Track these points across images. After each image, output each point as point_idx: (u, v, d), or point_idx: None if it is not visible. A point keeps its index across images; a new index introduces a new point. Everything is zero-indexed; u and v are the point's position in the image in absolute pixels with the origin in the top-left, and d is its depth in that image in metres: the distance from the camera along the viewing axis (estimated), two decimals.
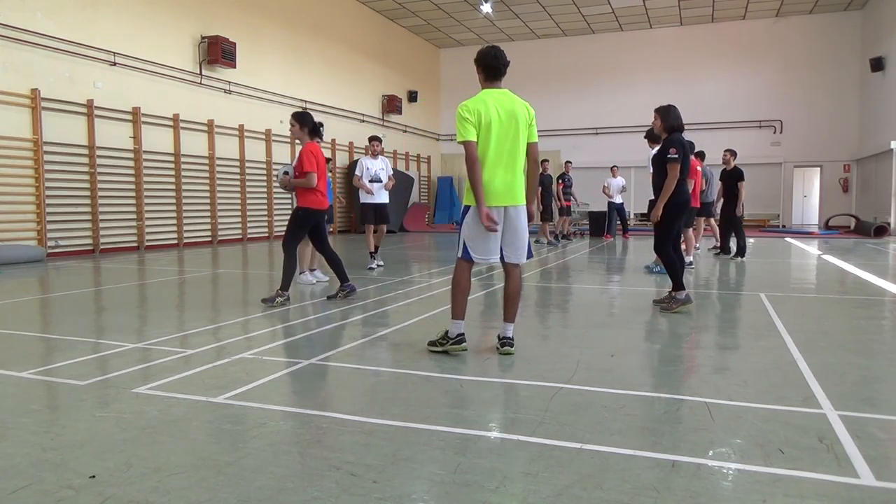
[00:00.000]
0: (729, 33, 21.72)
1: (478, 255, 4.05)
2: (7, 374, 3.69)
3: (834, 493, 2.16)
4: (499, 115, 3.93)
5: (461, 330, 4.09)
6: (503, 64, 4.05)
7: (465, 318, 4.14)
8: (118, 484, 2.24)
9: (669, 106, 5.96)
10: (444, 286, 7.47)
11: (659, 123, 5.92)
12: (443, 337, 4.12)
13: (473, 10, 20.11)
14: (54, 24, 10.84)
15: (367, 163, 9.05)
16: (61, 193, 11.00)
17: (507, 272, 4.19)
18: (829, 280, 8.38)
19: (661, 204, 5.79)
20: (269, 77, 15.95)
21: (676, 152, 5.69)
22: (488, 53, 4.04)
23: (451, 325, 4.11)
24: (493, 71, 4.04)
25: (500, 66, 4.04)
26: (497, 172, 3.96)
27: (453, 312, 4.11)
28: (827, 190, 21.34)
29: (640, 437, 2.69)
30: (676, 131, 5.87)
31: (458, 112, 3.95)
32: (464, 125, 3.91)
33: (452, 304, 4.12)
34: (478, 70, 4.09)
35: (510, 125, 3.96)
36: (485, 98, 3.97)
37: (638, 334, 4.93)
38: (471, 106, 3.93)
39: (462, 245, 4.08)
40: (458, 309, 4.10)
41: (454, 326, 4.09)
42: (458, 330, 4.08)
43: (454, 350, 4.06)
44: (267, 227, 16.03)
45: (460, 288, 4.12)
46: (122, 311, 5.95)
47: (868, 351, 4.32)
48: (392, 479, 2.28)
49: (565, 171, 15.55)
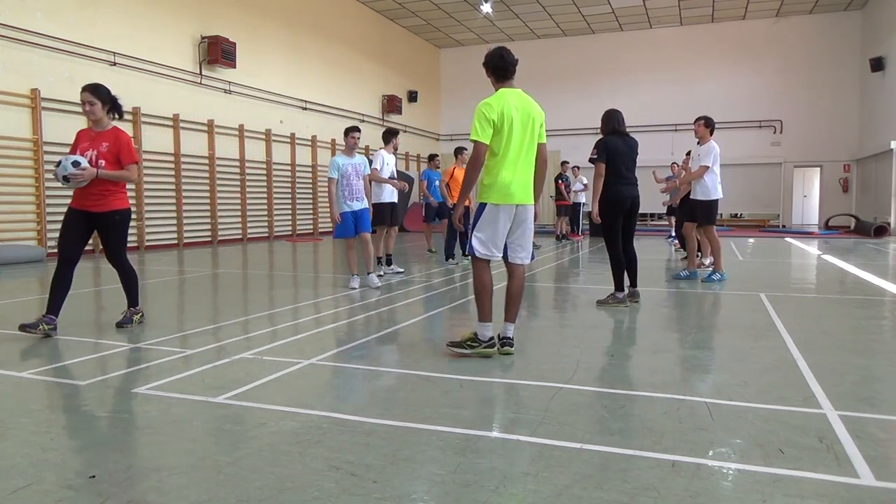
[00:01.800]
0: (729, 33, 21.72)
1: (486, 251, 4.00)
2: (7, 374, 3.69)
3: (834, 493, 2.16)
4: (519, 115, 3.94)
5: (491, 332, 4.03)
6: (511, 63, 4.05)
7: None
8: (118, 484, 2.24)
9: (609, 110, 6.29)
10: (444, 286, 7.47)
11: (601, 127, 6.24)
12: (472, 339, 4.03)
13: (473, 10, 20.11)
14: (54, 24, 10.84)
15: (387, 157, 8.53)
16: (61, 193, 10.99)
17: (512, 272, 4.16)
18: (829, 280, 8.38)
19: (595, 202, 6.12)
20: (269, 77, 15.95)
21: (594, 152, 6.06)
22: (494, 54, 4.04)
23: (480, 328, 4.03)
24: (503, 71, 4.04)
25: (509, 66, 4.04)
26: (517, 172, 3.96)
27: (482, 315, 4.04)
28: (827, 190, 21.34)
29: (640, 437, 2.69)
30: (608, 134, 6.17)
31: (480, 110, 3.90)
32: (482, 125, 3.87)
33: (480, 306, 4.05)
34: (488, 73, 4.09)
35: (528, 125, 3.99)
36: (506, 97, 3.95)
37: (637, 334, 4.93)
38: (495, 105, 3.90)
39: (470, 242, 4.05)
40: (486, 310, 4.03)
41: (484, 329, 4.02)
42: (489, 332, 4.02)
43: (486, 353, 3.99)
44: (267, 228, 16.03)
45: (486, 289, 4.05)
46: (121, 311, 5.94)
47: (868, 351, 4.32)
48: (392, 479, 2.28)
49: (563, 171, 15.55)
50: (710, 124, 7.69)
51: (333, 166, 7.20)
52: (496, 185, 3.94)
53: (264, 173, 15.89)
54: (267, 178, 15.93)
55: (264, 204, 15.96)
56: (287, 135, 16.61)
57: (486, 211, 3.99)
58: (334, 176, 7.17)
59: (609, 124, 6.17)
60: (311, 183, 17.67)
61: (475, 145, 3.88)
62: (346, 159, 7.24)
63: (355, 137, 7.36)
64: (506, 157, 3.93)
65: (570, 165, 15.90)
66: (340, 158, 7.26)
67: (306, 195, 17.60)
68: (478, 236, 4.02)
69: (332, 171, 7.20)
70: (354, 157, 7.31)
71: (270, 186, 15.99)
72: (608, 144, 6.03)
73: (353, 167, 7.20)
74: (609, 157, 5.99)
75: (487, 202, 3.98)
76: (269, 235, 16.06)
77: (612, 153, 6.00)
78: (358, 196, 7.22)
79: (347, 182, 7.16)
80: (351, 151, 7.31)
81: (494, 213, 3.96)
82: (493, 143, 3.92)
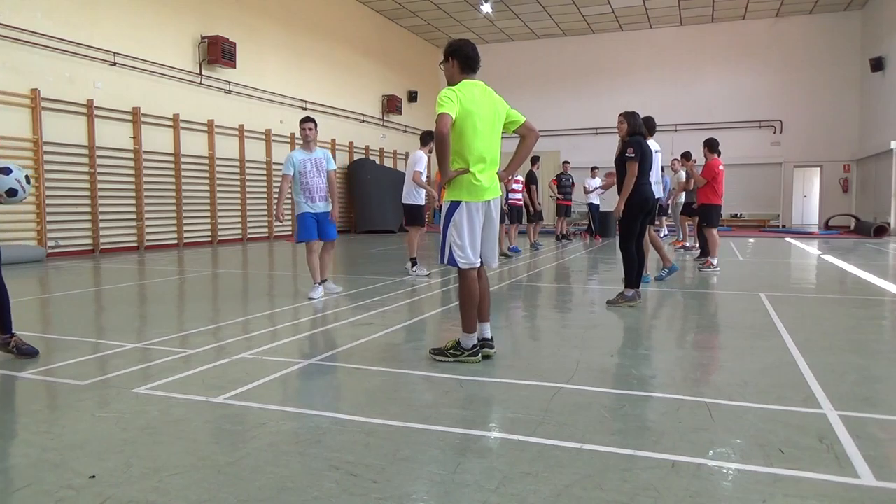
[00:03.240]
0: (729, 33, 21.71)
1: (467, 258, 3.80)
2: (7, 374, 3.69)
3: (834, 493, 2.16)
4: (485, 109, 3.81)
5: (475, 341, 3.91)
6: (479, 59, 3.92)
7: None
8: (118, 484, 2.24)
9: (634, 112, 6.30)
10: (444, 286, 7.47)
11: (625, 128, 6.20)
12: (454, 347, 3.89)
13: (473, 10, 20.11)
14: (54, 24, 10.84)
15: (426, 159, 8.19)
16: (61, 193, 11.00)
17: (480, 272, 3.99)
18: (829, 280, 8.38)
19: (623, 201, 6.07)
20: (269, 77, 15.95)
21: (634, 152, 6.03)
22: (467, 45, 3.87)
23: (464, 338, 3.88)
24: (472, 62, 3.87)
25: (478, 60, 3.90)
26: (486, 167, 3.82)
27: (467, 325, 3.87)
28: (827, 190, 21.34)
29: (640, 437, 2.69)
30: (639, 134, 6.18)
31: (443, 93, 3.71)
32: (448, 100, 3.66)
33: (465, 316, 3.87)
34: (452, 61, 3.87)
35: (494, 119, 3.87)
36: (471, 88, 3.79)
37: (638, 334, 4.93)
38: (458, 90, 3.74)
39: (448, 250, 3.82)
40: (472, 321, 3.88)
41: (467, 339, 3.88)
42: (472, 342, 3.89)
43: (469, 362, 3.86)
44: (267, 228, 16.02)
45: (474, 299, 3.87)
46: (121, 312, 5.94)
47: (868, 351, 4.32)
48: (392, 479, 2.28)
49: (563, 170, 15.54)
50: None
51: (288, 161, 6.43)
52: (466, 180, 3.77)
53: (264, 173, 15.89)
54: (267, 178, 15.92)
55: (264, 204, 15.96)
56: (287, 135, 16.61)
57: (459, 211, 3.79)
58: (288, 172, 6.42)
59: (640, 127, 6.21)
60: None
61: (440, 120, 3.60)
62: (305, 154, 6.46)
63: (308, 128, 6.45)
64: (472, 152, 3.75)
65: (570, 165, 15.90)
66: (298, 153, 6.47)
67: None
68: (456, 243, 3.80)
69: (287, 167, 6.44)
70: (314, 151, 6.51)
71: (270, 186, 15.98)
72: (643, 145, 6.09)
73: (313, 163, 6.44)
74: (641, 158, 6.06)
75: (460, 200, 3.78)
76: (269, 235, 16.06)
77: (644, 154, 6.08)
78: (321, 195, 6.48)
79: (306, 179, 6.41)
80: (309, 145, 6.49)
81: (468, 211, 3.79)
82: (460, 136, 3.73)
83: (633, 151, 6.02)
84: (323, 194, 6.51)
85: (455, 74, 3.89)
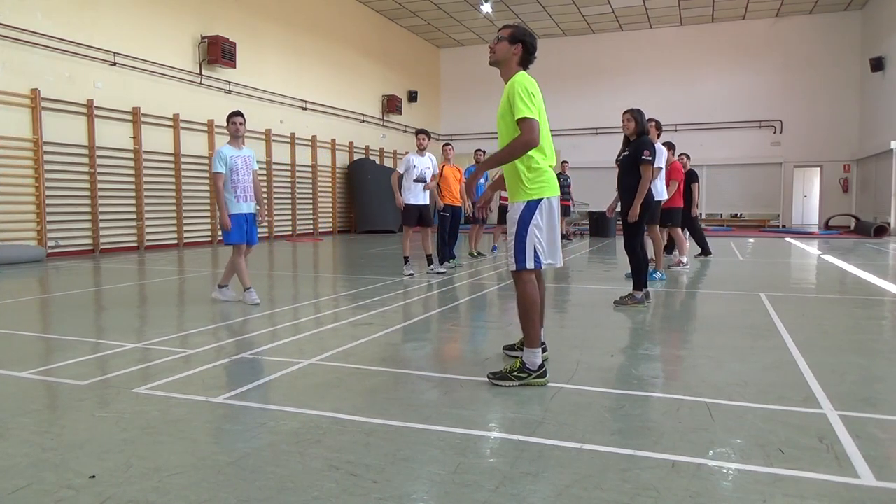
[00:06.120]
0: (729, 33, 21.72)
1: (548, 258, 3.54)
2: (7, 374, 3.69)
3: (834, 493, 2.16)
4: (542, 103, 3.59)
5: (541, 359, 3.47)
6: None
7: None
8: (118, 484, 2.24)
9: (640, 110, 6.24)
10: (444, 286, 7.47)
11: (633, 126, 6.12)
12: (520, 370, 3.42)
13: (473, 10, 20.12)
14: (54, 24, 10.84)
15: (414, 160, 8.23)
16: (61, 193, 11.00)
17: (539, 276, 3.67)
18: (829, 280, 8.37)
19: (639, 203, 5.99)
20: (269, 77, 15.96)
21: (650, 154, 5.98)
22: (532, 35, 3.60)
23: (529, 355, 3.44)
24: (531, 58, 3.61)
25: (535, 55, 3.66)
26: (550, 162, 3.56)
27: (530, 340, 3.44)
28: (827, 190, 21.35)
29: (640, 437, 2.69)
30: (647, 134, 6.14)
31: (522, 84, 3.38)
32: (529, 100, 3.35)
33: (528, 328, 3.47)
34: (514, 50, 3.54)
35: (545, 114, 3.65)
36: (533, 83, 3.49)
37: (638, 334, 4.93)
38: (529, 85, 3.42)
39: (533, 252, 3.45)
40: (536, 332, 3.46)
41: (533, 356, 3.43)
42: (538, 359, 3.44)
43: (537, 384, 3.41)
44: (267, 228, 16.02)
45: (537, 306, 3.48)
46: (121, 311, 5.94)
47: (868, 351, 4.32)
48: (392, 479, 2.28)
49: (562, 170, 15.52)
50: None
51: (219, 158, 5.98)
52: (546, 174, 3.49)
53: (264, 173, 15.89)
54: (267, 179, 15.92)
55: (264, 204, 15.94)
56: (287, 135, 16.61)
57: (540, 209, 3.46)
58: (220, 170, 5.96)
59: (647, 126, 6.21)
60: (310, 183, 17.68)
61: (527, 122, 3.30)
62: (235, 151, 6.07)
63: (239, 123, 6.05)
64: (548, 145, 3.53)
65: (569, 165, 15.89)
66: (227, 150, 6.04)
67: (306, 195, 17.60)
68: (538, 238, 3.46)
69: (218, 165, 5.96)
70: (243, 148, 6.17)
71: (270, 186, 15.98)
72: (658, 148, 6.12)
73: (244, 160, 6.10)
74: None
75: (542, 197, 3.46)
76: (269, 235, 16.06)
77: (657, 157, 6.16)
78: (250, 195, 6.17)
79: (237, 177, 6.04)
80: (237, 141, 6.10)
81: (549, 207, 3.50)
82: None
83: (650, 154, 5.94)
84: (251, 194, 6.20)
85: (512, 61, 3.56)
